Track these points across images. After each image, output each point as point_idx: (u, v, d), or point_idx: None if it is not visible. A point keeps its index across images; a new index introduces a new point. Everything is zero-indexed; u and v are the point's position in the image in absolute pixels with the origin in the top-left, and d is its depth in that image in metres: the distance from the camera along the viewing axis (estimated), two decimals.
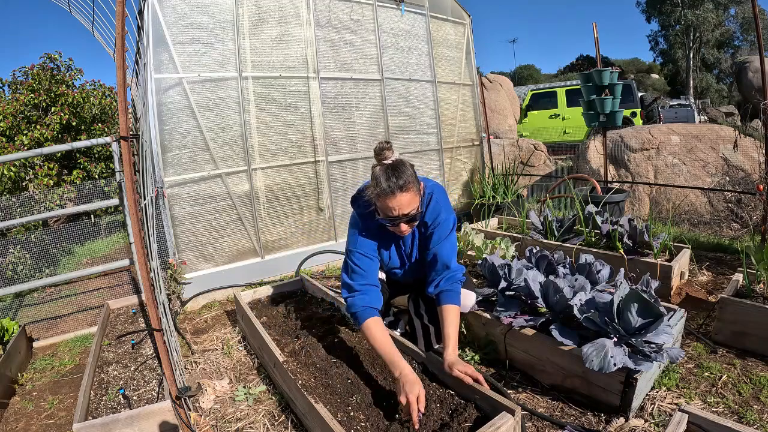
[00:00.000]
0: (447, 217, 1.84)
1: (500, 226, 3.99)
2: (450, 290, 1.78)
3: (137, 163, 2.81)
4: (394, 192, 1.61)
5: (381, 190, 1.62)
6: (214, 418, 1.83)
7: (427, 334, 2.07)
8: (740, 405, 1.66)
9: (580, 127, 11.61)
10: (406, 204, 1.64)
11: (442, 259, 1.81)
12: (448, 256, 1.82)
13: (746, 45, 26.38)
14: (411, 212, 1.67)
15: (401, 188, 1.61)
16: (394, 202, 1.62)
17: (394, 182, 1.61)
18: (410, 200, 1.65)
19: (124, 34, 1.51)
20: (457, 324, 1.74)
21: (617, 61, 32.10)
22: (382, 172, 1.63)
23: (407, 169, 1.65)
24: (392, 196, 1.62)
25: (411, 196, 1.65)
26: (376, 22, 3.98)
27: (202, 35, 3.08)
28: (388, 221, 1.69)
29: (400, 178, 1.62)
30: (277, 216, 3.49)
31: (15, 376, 2.34)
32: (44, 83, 5.53)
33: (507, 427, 1.37)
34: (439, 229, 1.83)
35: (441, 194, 1.86)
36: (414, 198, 1.66)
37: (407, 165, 1.67)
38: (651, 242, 2.75)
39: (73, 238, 3.96)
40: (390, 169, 1.63)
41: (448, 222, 1.84)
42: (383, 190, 1.62)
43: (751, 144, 5.56)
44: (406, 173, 1.63)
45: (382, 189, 1.62)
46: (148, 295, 1.61)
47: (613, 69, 4.13)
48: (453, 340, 1.68)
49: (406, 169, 1.64)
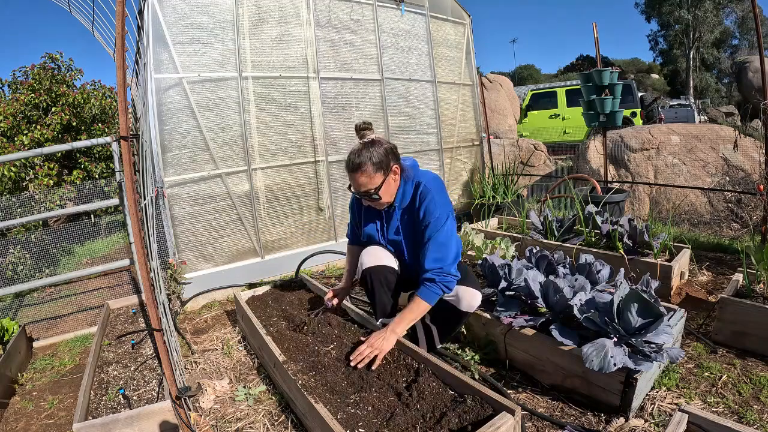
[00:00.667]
0: (439, 215, 1.83)
1: (500, 226, 3.99)
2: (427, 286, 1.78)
3: (137, 163, 2.81)
4: (349, 169, 1.80)
5: (346, 164, 1.83)
6: (214, 418, 1.83)
7: (429, 335, 2.07)
8: (740, 405, 1.66)
9: (580, 127, 11.61)
10: (362, 183, 1.79)
11: (427, 257, 1.81)
12: (433, 255, 1.80)
13: (746, 45, 26.39)
14: (368, 190, 1.80)
15: (355, 168, 1.78)
16: (351, 178, 1.82)
17: (352, 161, 1.79)
18: (365, 180, 1.78)
19: (124, 34, 1.51)
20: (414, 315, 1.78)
21: (617, 61, 32.10)
22: (353, 149, 1.82)
23: (370, 151, 1.77)
24: (350, 173, 1.80)
25: (365, 177, 1.78)
26: (376, 22, 3.98)
27: (202, 35, 3.07)
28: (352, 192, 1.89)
29: (359, 157, 1.77)
30: (277, 216, 3.49)
31: (15, 376, 2.34)
32: (45, 83, 5.53)
33: (507, 427, 1.37)
34: (429, 227, 1.84)
35: (437, 190, 1.86)
36: (369, 180, 1.78)
37: (376, 146, 1.79)
38: (651, 242, 2.75)
39: (73, 238, 3.96)
40: (357, 148, 1.81)
41: (439, 220, 1.83)
42: (346, 164, 1.83)
43: (751, 144, 5.56)
44: (365, 154, 1.76)
45: (346, 163, 1.83)
46: (148, 295, 1.61)
47: (613, 69, 4.13)
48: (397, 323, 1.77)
49: (368, 152, 1.77)
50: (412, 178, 1.88)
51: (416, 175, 1.89)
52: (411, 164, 1.92)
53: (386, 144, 1.83)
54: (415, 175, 1.89)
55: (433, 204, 1.83)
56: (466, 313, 1.94)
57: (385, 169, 1.79)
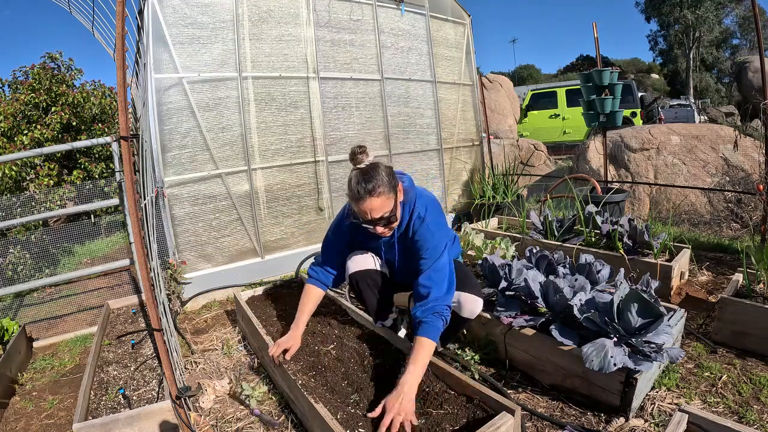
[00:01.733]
0: (436, 244, 1.73)
1: (500, 226, 3.99)
2: (426, 322, 1.63)
3: (137, 163, 2.81)
4: (363, 196, 1.64)
5: (353, 194, 1.67)
6: (214, 418, 1.83)
7: None
8: (740, 405, 1.66)
9: (580, 127, 11.61)
10: (378, 207, 1.65)
11: (425, 288, 1.69)
12: (431, 285, 1.69)
13: (746, 45, 26.39)
14: (384, 215, 1.67)
15: (370, 192, 1.63)
16: (365, 205, 1.65)
17: (364, 186, 1.63)
18: (382, 204, 1.65)
19: (124, 34, 1.51)
20: (423, 361, 1.56)
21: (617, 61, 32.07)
22: (354, 176, 1.67)
23: (379, 173, 1.65)
24: (362, 200, 1.64)
25: (382, 200, 1.65)
26: (376, 22, 3.98)
27: (202, 35, 3.07)
28: (363, 223, 1.72)
29: (370, 182, 1.63)
30: (277, 216, 3.49)
31: (15, 376, 2.34)
32: (44, 83, 5.52)
33: (507, 427, 1.38)
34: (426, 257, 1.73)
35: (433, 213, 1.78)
36: (386, 202, 1.66)
37: (380, 168, 1.67)
38: (651, 242, 2.75)
39: (73, 238, 3.96)
40: (361, 174, 1.66)
41: (437, 249, 1.73)
42: (354, 194, 1.66)
43: (751, 144, 5.56)
44: (376, 177, 1.64)
45: (354, 193, 1.66)
46: (148, 295, 1.61)
47: (613, 69, 4.13)
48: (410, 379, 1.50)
49: (377, 173, 1.65)
50: (409, 201, 1.79)
51: (412, 198, 1.80)
52: (408, 185, 1.83)
53: (385, 164, 1.72)
54: (411, 199, 1.80)
55: (429, 233, 1.74)
56: (468, 319, 1.89)
57: (394, 189, 1.69)
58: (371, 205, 1.64)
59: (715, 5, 24.64)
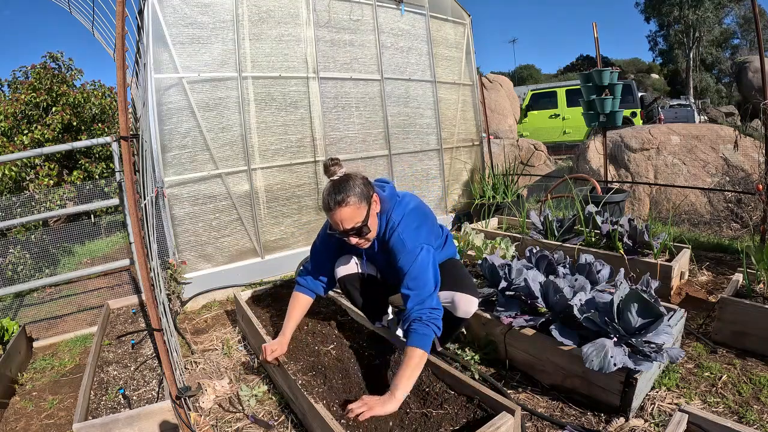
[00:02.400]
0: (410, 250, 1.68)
1: (500, 226, 3.99)
2: (412, 330, 1.57)
3: (137, 163, 2.81)
4: (332, 207, 1.66)
5: (324, 205, 1.71)
6: (214, 418, 1.83)
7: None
8: (740, 405, 1.66)
9: (580, 127, 11.60)
10: (348, 218, 1.66)
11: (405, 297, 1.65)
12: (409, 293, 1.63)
13: (746, 45, 26.39)
14: (356, 226, 1.67)
15: (339, 203, 1.64)
16: (335, 216, 1.67)
17: (333, 197, 1.66)
18: (352, 214, 1.65)
19: (124, 34, 1.51)
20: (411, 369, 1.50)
21: (617, 61, 32.06)
22: (326, 187, 1.71)
23: (350, 185, 1.66)
24: (332, 210, 1.67)
25: (352, 210, 1.65)
26: (375, 22, 3.98)
27: (202, 35, 3.07)
28: (338, 234, 1.74)
29: (340, 193, 1.65)
30: (277, 216, 3.49)
31: (15, 376, 2.34)
32: (45, 83, 5.53)
33: (507, 427, 1.38)
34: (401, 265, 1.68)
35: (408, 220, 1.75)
36: (356, 212, 1.66)
37: (353, 179, 1.68)
38: (651, 242, 2.75)
39: (73, 238, 3.96)
40: (333, 185, 1.69)
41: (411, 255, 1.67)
42: (325, 205, 1.70)
43: (751, 144, 5.56)
44: (347, 188, 1.65)
45: (325, 204, 1.70)
46: (148, 295, 1.61)
47: (613, 69, 4.13)
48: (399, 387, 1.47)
49: (348, 185, 1.66)
50: (386, 211, 1.78)
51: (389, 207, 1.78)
52: (389, 194, 1.82)
53: (360, 176, 1.72)
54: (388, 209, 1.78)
55: (400, 243, 1.70)
56: (464, 319, 1.88)
57: (368, 200, 1.68)
58: (341, 216, 1.66)
59: (715, 5, 24.64)
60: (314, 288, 2.01)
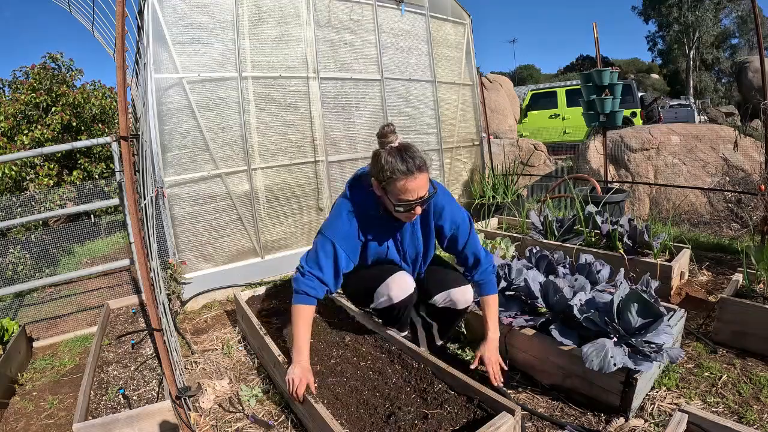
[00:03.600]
0: (463, 217, 1.83)
1: (500, 226, 3.99)
2: (485, 281, 1.84)
3: (137, 163, 2.81)
4: (413, 172, 1.52)
5: (400, 172, 1.52)
6: (214, 418, 1.83)
7: (429, 333, 2.07)
8: (740, 405, 1.66)
9: (580, 127, 11.60)
10: (424, 185, 1.57)
11: (474, 257, 1.83)
12: (478, 252, 1.83)
13: (746, 45, 26.39)
14: (427, 194, 1.61)
15: (419, 168, 1.54)
16: (414, 183, 1.53)
17: (412, 163, 1.53)
18: (427, 181, 1.60)
19: (124, 34, 1.51)
20: (496, 314, 1.88)
21: (617, 61, 32.05)
22: (396, 154, 1.54)
23: (418, 150, 1.61)
24: (412, 177, 1.52)
25: (427, 176, 1.60)
26: (376, 22, 3.98)
27: (202, 35, 3.07)
28: (403, 206, 1.58)
29: (416, 158, 1.55)
30: (277, 216, 3.49)
31: (15, 376, 2.34)
32: (45, 83, 5.52)
33: (507, 427, 1.38)
34: (460, 231, 1.80)
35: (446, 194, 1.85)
36: (428, 179, 1.61)
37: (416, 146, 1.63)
38: (651, 242, 2.75)
39: (73, 238, 3.96)
40: (403, 151, 1.55)
41: (465, 222, 1.82)
42: (402, 172, 1.52)
43: (751, 144, 5.56)
44: (419, 152, 1.59)
45: (401, 171, 1.52)
46: (148, 295, 1.61)
47: (613, 69, 4.13)
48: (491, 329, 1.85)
49: (417, 149, 1.60)
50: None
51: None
52: None
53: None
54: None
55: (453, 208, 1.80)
56: (464, 310, 1.94)
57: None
58: (421, 182, 1.55)
59: (714, 5, 24.63)
60: (320, 296, 1.69)
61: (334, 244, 1.68)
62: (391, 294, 1.76)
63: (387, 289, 1.76)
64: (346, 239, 1.70)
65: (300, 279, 1.67)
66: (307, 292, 1.65)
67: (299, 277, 1.68)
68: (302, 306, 1.65)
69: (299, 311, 1.65)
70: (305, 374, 1.60)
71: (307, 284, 1.66)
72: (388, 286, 1.76)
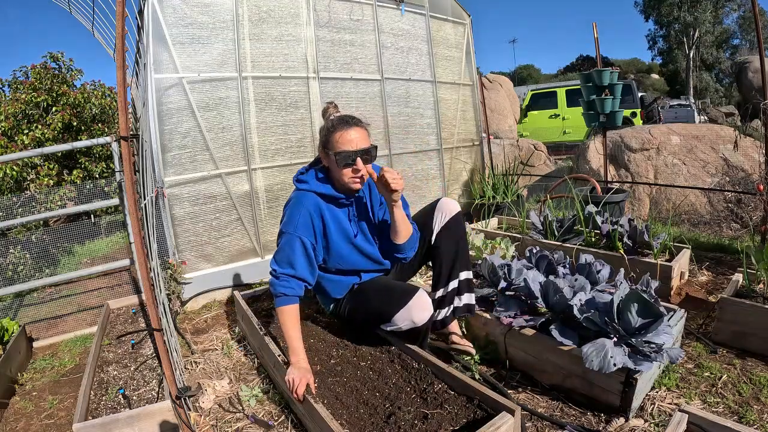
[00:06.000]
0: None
1: (500, 226, 3.99)
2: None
3: (137, 162, 2.81)
4: (350, 124, 1.71)
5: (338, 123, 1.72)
6: (214, 418, 1.83)
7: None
8: (740, 405, 1.66)
9: (580, 127, 11.60)
10: (364, 138, 1.73)
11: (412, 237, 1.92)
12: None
13: (746, 45, 26.39)
14: (369, 146, 1.74)
15: (357, 123, 1.74)
16: (352, 132, 1.70)
17: (351, 119, 1.74)
18: (366, 136, 1.75)
19: (124, 34, 1.51)
20: (405, 218, 1.86)
21: (617, 61, 32.06)
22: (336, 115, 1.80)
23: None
24: (349, 127, 1.71)
25: (366, 133, 1.76)
26: (376, 22, 3.98)
27: (202, 35, 3.07)
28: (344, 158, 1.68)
29: (354, 117, 1.77)
30: (278, 216, 3.49)
31: (15, 376, 2.34)
32: (45, 83, 5.52)
33: (507, 427, 1.38)
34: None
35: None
36: (367, 136, 1.76)
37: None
38: (651, 242, 2.75)
39: (73, 238, 3.96)
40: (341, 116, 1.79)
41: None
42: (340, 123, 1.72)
43: (751, 144, 5.56)
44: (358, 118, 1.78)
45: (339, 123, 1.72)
46: (148, 295, 1.61)
47: (613, 69, 4.12)
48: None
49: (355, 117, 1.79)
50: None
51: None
52: None
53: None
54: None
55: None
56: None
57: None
58: (360, 134, 1.72)
59: (714, 5, 24.63)
60: (298, 293, 1.73)
61: (299, 237, 1.75)
62: (414, 318, 1.74)
63: (409, 314, 1.73)
64: (306, 227, 1.77)
65: (276, 282, 1.73)
66: (285, 293, 1.71)
67: (274, 281, 1.73)
68: (285, 307, 1.71)
69: (284, 313, 1.71)
70: (305, 374, 1.62)
71: (283, 286, 1.72)
72: (409, 310, 1.73)
